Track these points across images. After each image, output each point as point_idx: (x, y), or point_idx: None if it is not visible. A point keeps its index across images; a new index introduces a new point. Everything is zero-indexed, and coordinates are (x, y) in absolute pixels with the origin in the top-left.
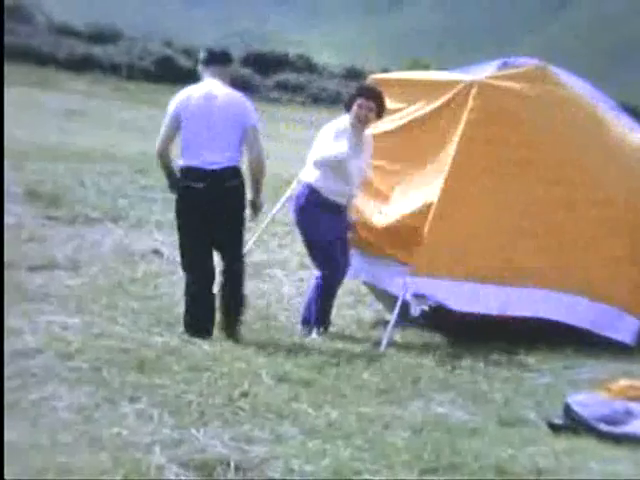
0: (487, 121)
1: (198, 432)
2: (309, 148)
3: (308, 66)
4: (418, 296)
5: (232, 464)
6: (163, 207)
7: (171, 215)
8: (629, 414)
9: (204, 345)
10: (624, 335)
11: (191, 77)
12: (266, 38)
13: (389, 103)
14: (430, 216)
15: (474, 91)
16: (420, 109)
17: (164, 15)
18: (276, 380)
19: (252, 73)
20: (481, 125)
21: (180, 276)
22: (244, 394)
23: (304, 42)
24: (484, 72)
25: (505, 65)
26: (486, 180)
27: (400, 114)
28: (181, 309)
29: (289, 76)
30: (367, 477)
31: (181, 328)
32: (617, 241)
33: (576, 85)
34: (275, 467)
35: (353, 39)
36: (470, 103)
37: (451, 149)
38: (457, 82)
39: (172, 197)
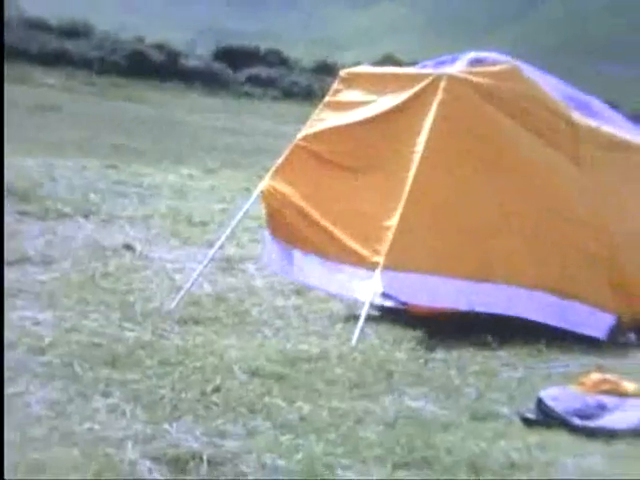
0: (457, 115)
1: (171, 427)
2: (283, 141)
3: (280, 60)
4: (385, 295)
5: (205, 459)
6: (135, 202)
7: (143, 209)
8: (602, 408)
9: (176, 340)
10: (596, 331)
11: (163, 72)
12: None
13: (358, 96)
14: (398, 211)
15: (443, 84)
16: (388, 102)
17: (137, 11)
18: (249, 375)
19: (223, 67)
20: (451, 119)
21: (153, 270)
22: (216, 389)
23: (279, 37)
24: (454, 66)
25: (476, 62)
26: (456, 174)
27: (368, 107)
28: (153, 304)
29: (260, 70)
30: (340, 472)
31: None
32: (591, 238)
33: (546, 84)
34: (248, 462)
35: (329, 33)
36: (440, 96)
37: (420, 142)
38: (426, 75)
39: (145, 192)
